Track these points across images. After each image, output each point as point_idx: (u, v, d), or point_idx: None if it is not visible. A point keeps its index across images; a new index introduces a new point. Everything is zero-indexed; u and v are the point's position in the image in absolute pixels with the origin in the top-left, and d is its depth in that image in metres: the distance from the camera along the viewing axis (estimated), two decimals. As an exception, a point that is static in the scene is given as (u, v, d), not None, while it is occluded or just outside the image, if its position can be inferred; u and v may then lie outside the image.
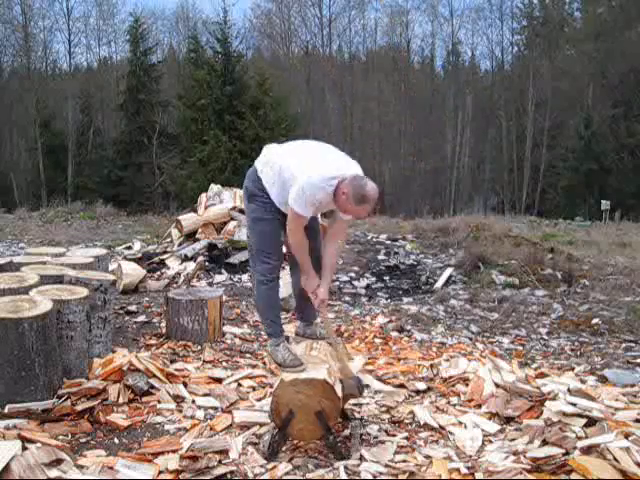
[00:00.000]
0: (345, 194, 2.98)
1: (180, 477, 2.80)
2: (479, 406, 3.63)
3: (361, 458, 2.97)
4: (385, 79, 35.27)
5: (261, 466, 2.91)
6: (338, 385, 3.12)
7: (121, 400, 3.64)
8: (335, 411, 3.02)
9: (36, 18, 31.78)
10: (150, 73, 27.47)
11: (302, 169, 3.04)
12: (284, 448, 3.08)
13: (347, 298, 7.50)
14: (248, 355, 4.85)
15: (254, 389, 4.02)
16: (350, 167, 3.10)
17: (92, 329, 4.12)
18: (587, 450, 2.73)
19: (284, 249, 3.35)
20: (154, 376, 3.88)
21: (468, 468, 2.80)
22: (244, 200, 3.37)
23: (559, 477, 2.65)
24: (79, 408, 3.46)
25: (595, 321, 6.12)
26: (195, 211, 9.74)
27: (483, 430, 3.26)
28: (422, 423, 3.43)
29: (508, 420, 3.37)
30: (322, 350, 3.32)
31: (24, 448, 2.74)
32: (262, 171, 3.22)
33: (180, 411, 3.61)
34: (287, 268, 3.73)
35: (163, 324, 5.34)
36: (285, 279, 4.05)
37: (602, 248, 10.88)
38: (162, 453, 3.03)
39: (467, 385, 3.95)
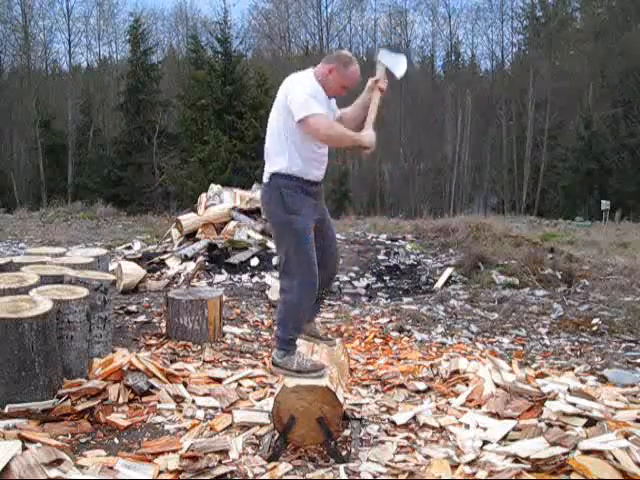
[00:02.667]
0: (332, 70, 3.08)
1: (180, 477, 2.80)
2: (479, 406, 3.63)
3: (361, 460, 2.97)
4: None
5: (261, 466, 2.91)
6: (340, 391, 3.13)
7: (121, 400, 3.63)
8: (336, 417, 3.02)
9: (36, 18, 31.86)
10: (150, 73, 27.51)
11: (290, 87, 3.05)
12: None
13: (347, 298, 7.49)
14: (248, 355, 4.85)
15: (254, 389, 4.02)
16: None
17: (92, 329, 4.12)
18: (587, 450, 2.74)
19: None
20: (154, 376, 3.88)
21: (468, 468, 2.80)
22: (278, 218, 3.11)
23: (559, 477, 2.65)
24: (79, 408, 3.46)
25: (595, 321, 6.12)
26: (195, 211, 9.74)
27: (483, 430, 3.26)
28: (422, 423, 3.43)
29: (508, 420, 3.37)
30: (323, 354, 3.32)
31: (24, 448, 2.74)
32: (280, 162, 3.07)
33: (180, 411, 3.61)
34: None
35: (163, 324, 5.34)
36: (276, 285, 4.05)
37: (602, 248, 10.88)
38: (162, 453, 3.03)
39: (467, 385, 3.95)
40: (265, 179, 3.16)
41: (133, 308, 6.08)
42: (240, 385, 4.07)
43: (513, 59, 37.40)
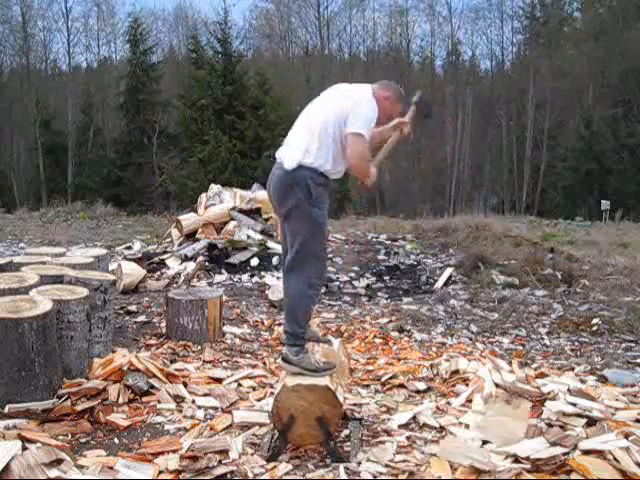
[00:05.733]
0: (388, 98, 3.22)
1: (180, 477, 2.80)
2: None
3: (360, 461, 2.97)
4: (385, 79, 35.21)
5: (261, 466, 2.91)
6: (340, 391, 3.13)
7: (121, 400, 3.63)
8: (336, 417, 3.02)
9: (35, 18, 31.85)
10: (150, 73, 27.51)
11: (355, 97, 3.11)
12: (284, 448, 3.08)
13: (347, 298, 7.49)
14: (248, 355, 4.85)
15: (254, 389, 4.02)
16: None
17: (92, 329, 4.12)
18: (587, 450, 2.74)
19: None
20: (154, 376, 3.88)
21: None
22: (300, 205, 3.07)
23: (559, 477, 2.65)
24: (79, 408, 3.46)
25: (595, 321, 6.12)
26: (195, 211, 9.74)
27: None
28: (422, 423, 3.43)
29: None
30: (322, 354, 3.32)
31: (24, 448, 2.74)
32: (311, 157, 3.08)
33: (180, 411, 3.61)
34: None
35: (163, 324, 5.34)
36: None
37: (602, 248, 10.87)
38: (162, 453, 3.03)
39: (467, 385, 3.95)
40: (289, 165, 3.10)
41: (133, 308, 6.08)
42: (240, 385, 4.07)
43: (513, 59, 37.41)
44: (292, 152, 3.15)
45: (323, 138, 3.09)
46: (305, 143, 3.12)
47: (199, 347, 4.84)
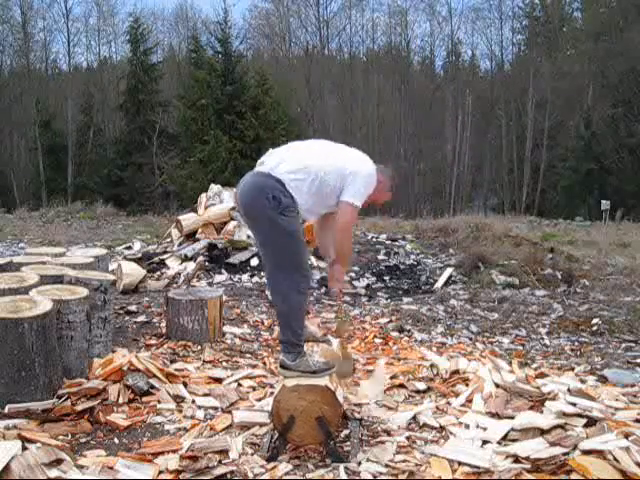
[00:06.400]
0: (382, 182, 3.24)
1: (180, 477, 2.80)
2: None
3: (360, 461, 2.97)
4: (385, 79, 35.28)
5: (261, 466, 2.91)
6: (339, 391, 3.13)
7: (121, 400, 3.63)
8: (336, 417, 3.02)
9: (35, 18, 31.84)
10: (150, 73, 27.48)
11: (357, 165, 3.13)
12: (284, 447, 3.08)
13: (347, 298, 7.49)
14: (248, 355, 4.85)
15: (254, 389, 4.02)
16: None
17: (92, 329, 4.12)
18: (587, 450, 2.74)
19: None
20: (154, 376, 3.88)
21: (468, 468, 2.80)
22: (268, 215, 3.01)
23: (559, 477, 2.65)
24: (79, 408, 3.46)
25: (595, 321, 6.12)
26: (195, 211, 9.74)
27: (483, 430, 3.26)
28: (422, 423, 3.43)
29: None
30: (321, 354, 3.32)
31: (24, 448, 2.74)
32: (291, 180, 3.04)
33: (180, 411, 3.61)
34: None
35: (163, 324, 5.34)
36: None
37: (602, 248, 10.88)
38: (162, 453, 3.03)
39: (467, 385, 3.95)
40: (266, 170, 3.08)
41: (133, 308, 6.08)
42: (240, 385, 4.07)
43: (513, 59, 37.39)
44: (276, 165, 3.09)
45: (312, 182, 3.05)
46: (291, 167, 3.07)
47: (199, 347, 4.84)
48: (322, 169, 3.08)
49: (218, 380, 4.11)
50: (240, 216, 3.55)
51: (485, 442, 3.06)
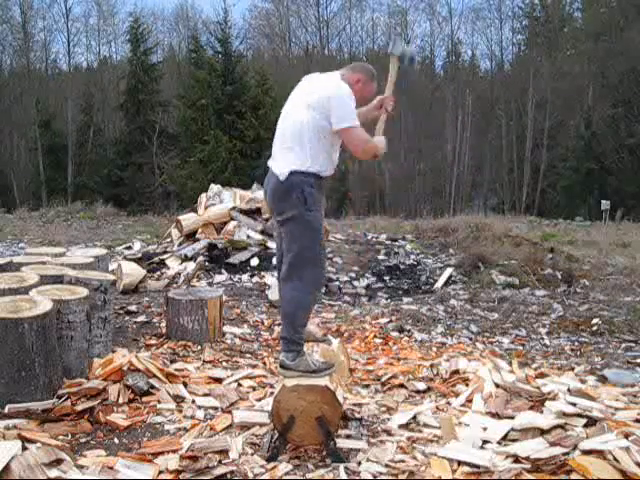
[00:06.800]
0: (359, 80, 3.20)
1: (180, 477, 2.80)
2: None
3: (360, 461, 2.97)
4: (385, 79, 35.24)
5: (261, 466, 2.91)
6: (339, 391, 3.13)
7: (121, 400, 3.63)
8: (336, 417, 3.02)
9: (35, 18, 31.85)
10: (150, 73, 27.49)
11: (327, 90, 3.07)
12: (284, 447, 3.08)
13: (347, 298, 7.50)
14: (248, 355, 4.85)
15: (254, 389, 4.02)
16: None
17: (92, 329, 4.12)
18: (587, 450, 2.74)
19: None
20: (154, 376, 3.87)
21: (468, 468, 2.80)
22: (298, 213, 3.04)
23: (559, 477, 2.65)
24: (79, 408, 3.46)
25: (595, 321, 6.12)
26: (195, 211, 9.74)
27: (483, 430, 3.26)
28: (422, 423, 3.43)
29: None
30: (320, 354, 3.32)
31: (24, 448, 2.74)
32: (298, 160, 3.05)
33: (180, 411, 3.61)
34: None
35: (163, 324, 5.34)
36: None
37: (602, 248, 10.88)
38: (162, 453, 3.03)
39: (467, 385, 3.95)
40: (281, 175, 3.08)
41: (133, 308, 6.08)
42: (240, 385, 4.06)
43: (513, 59, 37.40)
44: (279, 161, 3.13)
45: (308, 138, 3.06)
46: (287, 148, 3.10)
47: (199, 347, 4.84)
48: (311, 121, 3.05)
49: (218, 380, 4.11)
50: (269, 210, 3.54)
51: (485, 442, 3.05)
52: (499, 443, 3.03)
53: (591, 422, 3.04)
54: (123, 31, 32.42)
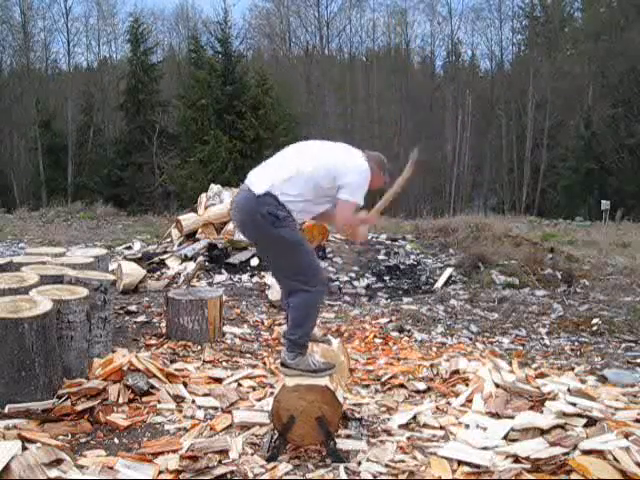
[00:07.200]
0: (374, 174, 3.23)
1: (180, 477, 2.80)
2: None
3: (360, 461, 2.97)
4: (385, 79, 35.28)
5: (261, 466, 2.91)
6: (339, 391, 3.12)
7: (121, 400, 3.63)
8: (336, 417, 3.02)
9: (35, 18, 31.83)
10: (150, 73, 27.45)
11: (348, 163, 3.12)
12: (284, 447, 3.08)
13: (347, 298, 7.49)
14: (248, 355, 4.85)
15: (254, 389, 4.02)
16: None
17: (92, 329, 4.12)
18: (587, 450, 2.74)
19: None
20: (154, 376, 3.88)
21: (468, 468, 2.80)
22: (263, 229, 3.02)
23: (559, 477, 2.65)
24: (79, 408, 3.46)
25: (595, 321, 6.12)
26: (195, 211, 9.74)
27: (483, 430, 3.26)
28: (422, 423, 3.43)
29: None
30: (321, 354, 3.32)
31: (24, 448, 2.74)
32: (282, 189, 3.02)
33: (180, 411, 3.61)
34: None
35: (163, 324, 5.34)
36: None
37: (602, 248, 10.87)
38: (162, 453, 3.03)
39: (467, 385, 3.95)
40: (257, 190, 3.04)
41: (133, 308, 6.08)
42: (240, 385, 4.07)
43: (513, 59, 37.40)
44: (267, 178, 3.07)
45: (306, 184, 3.06)
46: (284, 178, 3.05)
47: (199, 347, 4.84)
48: (314, 171, 3.07)
49: (218, 380, 4.11)
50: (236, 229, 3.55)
51: (485, 442, 3.05)
52: (499, 443, 3.02)
53: (591, 422, 3.04)
54: (123, 31, 32.41)
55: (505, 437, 3.07)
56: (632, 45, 27.52)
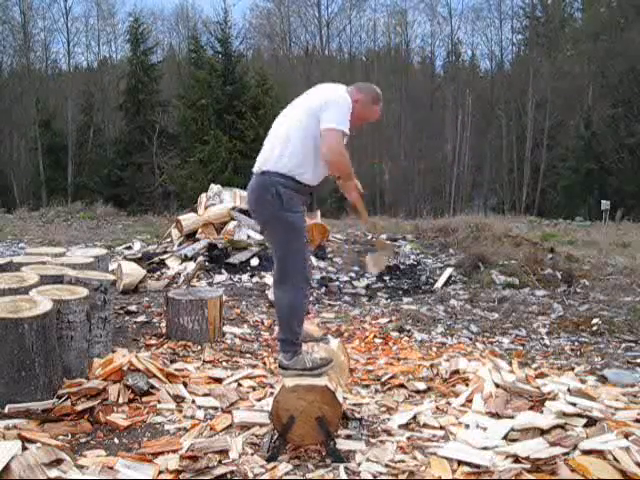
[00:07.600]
0: (358, 101, 3.13)
1: (180, 477, 2.80)
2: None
3: (360, 461, 2.97)
4: (385, 79, 35.29)
5: (261, 466, 2.91)
6: (339, 391, 3.12)
7: (121, 400, 3.63)
8: (336, 417, 3.02)
9: (35, 18, 31.83)
10: (150, 73, 27.46)
11: (325, 95, 3.05)
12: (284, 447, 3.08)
13: (347, 298, 7.49)
14: (248, 355, 4.85)
15: (254, 389, 4.02)
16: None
17: (92, 329, 4.12)
18: (587, 450, 2.74)
19: None
20: (154, 376, 3.88)
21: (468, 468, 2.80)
22: (276, 214, 3.02)
23: (559, 477, 2.65)
24: (79, 408, 3.46)
25: (595, 321, 6.11)
26: (195, 211, 9.74)
27: (483, 430, 3.26)
28: (422, 423, 3.43)
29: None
30: (320, 353, 3.32)
31: (24, 448, 2.74)
32: (284, 162, 3.02)
33: (180, 411, 3.61)
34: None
35: (163, 324, 5.34)
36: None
37: (602, 248, 10.87)
38: (162, 453, 3.03)
39: (467, 385, 3.95)
40: (257, 171, 3.10)
41: (133, 308, 6.08)
42: (240, 385, 4.07)
43: (513, 59, 37.41)
44: (261, 158, 3.12)
45: (293, 142, 3.02)
46: (274, 149, 3.06)
47: (199, 347, 4.84)
48: (306, 127, 3.01)
49: (218, 380, 4.11)
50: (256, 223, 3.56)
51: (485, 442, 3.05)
52: (499, 443, 3.02)
53: (591, 422, 3.04)
54: (123, 31, 32.46)
55: (505, 437, 3.07)
56: (632, 45, 27.51)
